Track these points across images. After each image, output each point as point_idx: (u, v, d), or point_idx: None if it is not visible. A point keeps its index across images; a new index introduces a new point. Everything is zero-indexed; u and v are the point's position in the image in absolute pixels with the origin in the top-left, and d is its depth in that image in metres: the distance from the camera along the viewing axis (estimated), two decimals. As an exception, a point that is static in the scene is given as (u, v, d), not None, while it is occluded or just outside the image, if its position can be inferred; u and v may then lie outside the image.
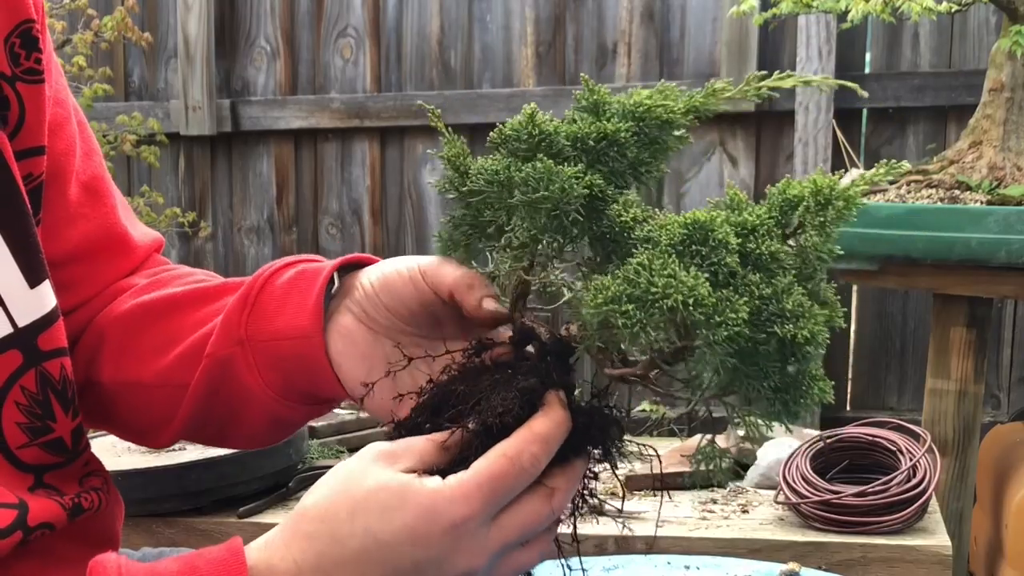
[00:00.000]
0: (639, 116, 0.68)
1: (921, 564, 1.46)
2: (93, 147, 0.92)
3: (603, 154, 0.68)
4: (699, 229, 0.63)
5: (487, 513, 0.63)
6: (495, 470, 0.63)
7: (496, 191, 0.67)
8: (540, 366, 0.69)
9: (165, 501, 1.68)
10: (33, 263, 0.78)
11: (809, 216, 0.66)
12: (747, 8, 2.02)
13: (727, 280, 0.62)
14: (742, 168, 2.93)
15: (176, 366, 0.84)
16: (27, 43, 0.78)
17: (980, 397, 1.93)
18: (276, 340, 0.79)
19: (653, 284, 0.60)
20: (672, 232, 0.63)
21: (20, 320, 0.77)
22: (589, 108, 0.70)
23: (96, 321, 0.91)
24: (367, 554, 0.62)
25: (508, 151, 0.69)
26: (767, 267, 0.64)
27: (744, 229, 0.65)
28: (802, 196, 0.66)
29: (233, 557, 0.63)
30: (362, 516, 0.62)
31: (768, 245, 0.64)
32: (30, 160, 0.80)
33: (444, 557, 0.63)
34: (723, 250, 0.62)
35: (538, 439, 0.65)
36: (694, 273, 0.61)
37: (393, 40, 3.22)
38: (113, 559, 0.63)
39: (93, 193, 0.90)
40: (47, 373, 0.79)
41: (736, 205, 0.67)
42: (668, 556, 1.13)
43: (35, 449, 0.79)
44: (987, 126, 1.90)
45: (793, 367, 0.65)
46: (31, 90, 0.79)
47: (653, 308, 0.60)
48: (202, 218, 3.32)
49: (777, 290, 0.63)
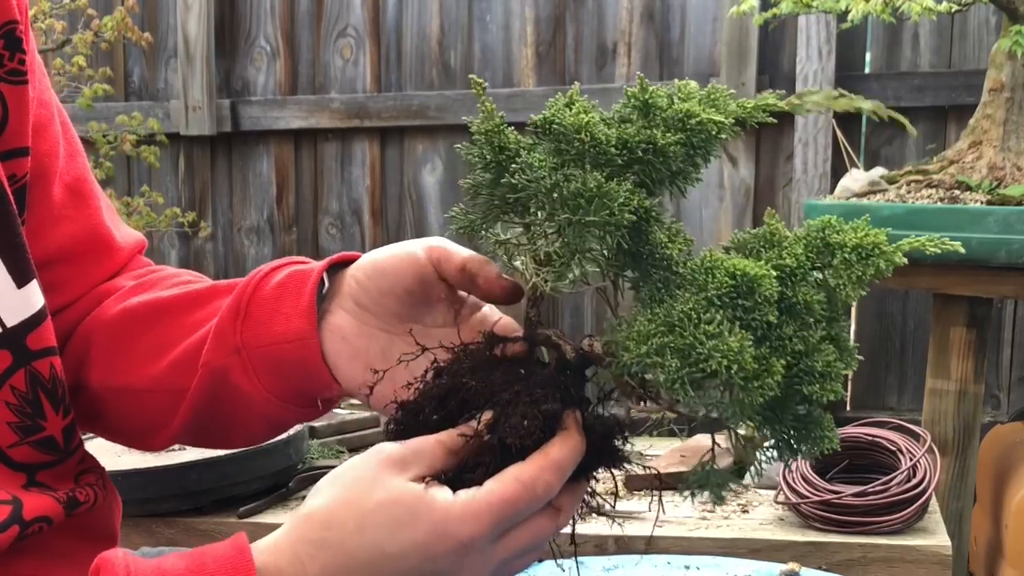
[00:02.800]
0: (689, 128, 0.67)
1: (921, 564, 1.46)
2: (77, 148, 0.92)
3: (649, 163, 0.67)
4: (747, 282, 0.62)
5: (494, 533, 0.64)
6: (508, 494, 0.63)
7: (541, 194, 0.66)
8: (559, 379, 0.68)
9: (165, 501, 1.68)
10: (20, 263, 0.78)
11: (846, 267, 0.65)
12: (747, 8, 2.02)
13: (765, 335, 0.62)
14: (742, 168, 2.93)
15: (170, 371, 0.84)
16: (10, 44, 0.78)
17: (980, 397, 1.93)
18: (271, 345, 0.79)
19: (699, 342, 0.60)
20: (720, 282, 0.62)
21: (8, 320, 0.77)
22: (639, 108, 0.68)
23: (84, 325, 0.91)
24: (375, 566, 0.62)
25: (554, 147, 0.67)
26: (801, 315, 0.64)
27: (783, 273, 0.64)
28: (843, 244, 0.65)
29: (240, 555, 0.63)
30: (372, 529, 0.62)
31: (805, 293, 0.64)
32: (14, 161, 0.80)
33: (450, 571, 0.63)
34: (767, 305, 0.62)
35: (554, 467, 0.64)
36: (740, 335, 0.61)
37: (393, 40, 3.22)
38: (120, 556, 0.63)
39: (77, 194, 0.90)
40: (37, 372, 0.79)
41: (776, 242, 0.66)
42: (668, 556, 1.13)
43: (26, 448, 0.79)
44: (987, 126, 1.90)
45: (804, 409, 0.65)
46: (15, 91, 0.79)
47: (696, 366, 0.60)
48: (202, 218, 3.32)
49: (809, 346, 0.63)
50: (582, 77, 3.06)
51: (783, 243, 0.66)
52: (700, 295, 0.62)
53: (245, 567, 0.62)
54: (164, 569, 0.62)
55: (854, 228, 0.66)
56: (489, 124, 0.68)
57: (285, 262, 0.84)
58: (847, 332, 0.67)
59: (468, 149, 0.69)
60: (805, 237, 0.67)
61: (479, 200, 0.70)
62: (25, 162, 0.81)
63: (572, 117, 0.66)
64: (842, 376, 0.64)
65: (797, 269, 0.65)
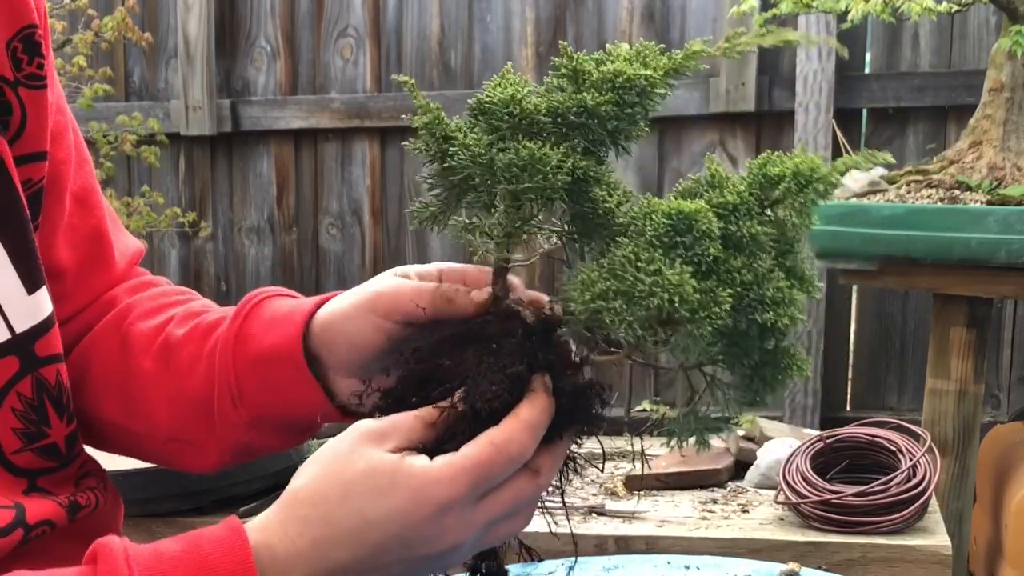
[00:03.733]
0: (619, 86, 0.68)
1: (921, 564, 1.46)
2: (85, 156, 0.92)
3: (583, 127, 0.68)
4: (683, 219, 0.63)
5: (473, 495, 0.65)
6: (483, 457, 0.64)
7: (479, 171, 0.67)
8: (525, 345, 0.70)
9: (165, 501, 1.68)
10: (31, 269, 0.78)
11: (789, 196, 0.66)
12: (747, 8, 2.02)
13: (710, 269, 0.63)
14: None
15: (171, 422, 0.86)
16: (29, 48, 0.78)
17: (980, 397, 1.93)
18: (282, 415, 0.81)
19: (640, 281, 0.61)
20: (656, 223, 0.63)
21: (18, 326, 0.77)
22: (568, 76, 0.69)
23: (81, 347, 0.91)
24: (359, 535, 0.64)
25: (488, 125, 0.68)
26: (748, 248, 0.65)
27: (725, 210, 0.65)
28: (783, 175, 0.67)
29: (235, 535, 0.64)
30: (354, 498, 0.64)
31: (750, 227, 0.65)
32: (30, 165, 0.79)
33: (432, 535, 0.64)
34: (706, 240, 0.63)
35: (525, 427, 0.66)
36: (679, 268, 0.62)
37: (393, 40, 3.22)
38: (118, 541, 0.64)
39: (84, 204, 0.90)
40: (43, 379, 0.79)
41: (717, 182, 0.67)
42: (668, 556, 1.13)
43: (29, 454, 0.79)
44: (987, 126, 1.90)
45: (771, 343, 0.66)
46: (33, 95, 0.79)
47: (640, 304, 0.61)
48: (202, 218, 3.32)
49: (758, 275, 0.64)
50: (582, 77, 3.06)
51: (724, 184, 0.67)
52: (640, 239, 0.63)
53: (240, 546, 0.63)
54: (160, 552, 0.63)
55: (791, 157, 0.67)
56: (427, 117, 0.69)
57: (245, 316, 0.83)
58: (807, 264, 0.68)
59: (413, 144, 0.70)
60: (748, 175, 0.68)
61: (434, 191, 0.71)
62: (42, 167, 0.81)
63: (500, 93, 0.68)
64: (798, 302, 0.65)
65: (740, 205, 0.66)
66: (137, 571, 0.61)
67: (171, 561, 0.62)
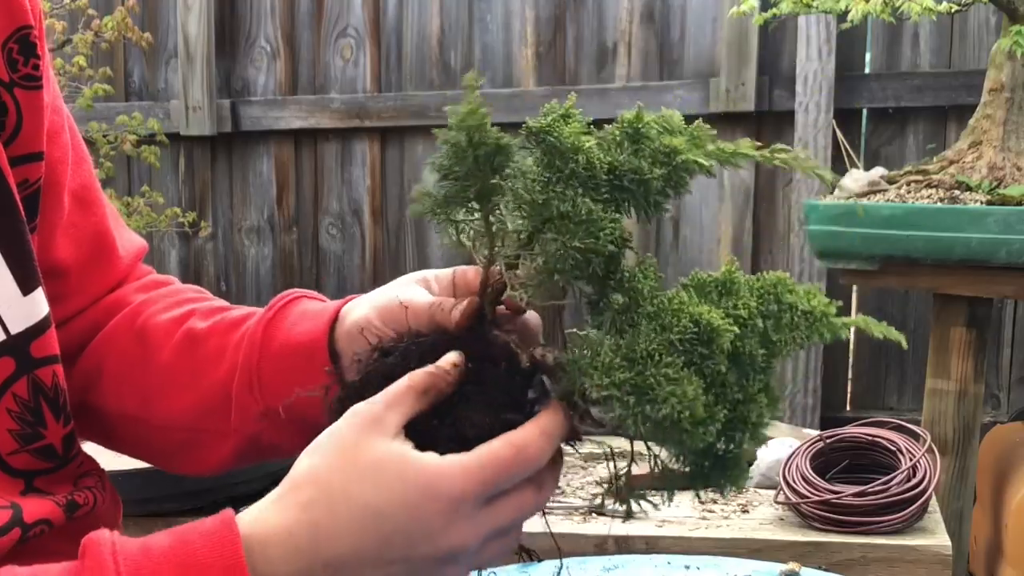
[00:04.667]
0: (674, 164, 0.68)
1: (921, 564, 1.46)
2: (83, 155, 0.92)
3: (632, 193, 0.68)
4: (708, 331, 0.64)
5: (484, 494, 0.63)
6: (500, 454, 0.63)
7: (524, 200, 0.67)
8: (512, 383, 0.70)
9: (165, 501, 1.68)
10: (27, 270, 0.78)
11: (790, 328, 0.67)
12: (747, 8, 2.02)
13: (714, 382, 0.64)
14: (742, 168, 2.93)
15: (187, 413, 0.86)
16: (25, 49, 0.79)
17: (980, 397, 1.93)
18: (294, 413, 0.80)
19: (658, 383, 0.62)
20: (683, 326, 0.64)
21: (13, 327, 0.77)
22: (630, 136, 0.69)
23: (95, 344, 0.91)
24: (362, 525, 0.62)
25: (548, 161, 0.68)
26: (744, 365, 0.66)
27: (736, 323, 0.66)
28: (794, 305, 0.67)
29: (226, 527, 0.63)
30: (359, 490, 0.62)
31: (751, 344, 0.66)
32: (26, 166, 0.80)
33: (437, 532, 0.63)
34: (721, 355, 0.64)
35: (544, 434, 0.65)
36: (695, 382, 0.63)
37: (393, 40, 3.22)
38: (107, 535, 0.63)
39: (83, 202, 0.90)
40: (39, 380, 0.79)
41: (731, 289, 0.68)
42: (668, 556, 1.13)
43: (25, 455, 0.79)
44: (987, 126, 1.90)
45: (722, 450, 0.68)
46: (29, 96, 0.79)
47: (652, 406, 0.62)
48: (202, 218, 3.32)
49: (747, 397, 0.66)
50: (582, 77, 3.06)
51: (738, 291, 0.68)
52: (664, 335, 0.64)
53: (231, 541, 0.62)
54: (149, 547, 0.62)
55: (807, 292, 0.68)
56: (473, 119, 0.68)
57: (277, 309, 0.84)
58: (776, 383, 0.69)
59: (445, 134, 0.69)
60: (759, 289, 0.68)
61: (444, 183, 0.70)
62: (39, 167, 0.81)
63: (570, 135, 0.67)
64: (768, 425, 0.67)
65: (748, 320, 0.66)
66: (123, 567, 0.61)
67: (158, 557, 0.61)
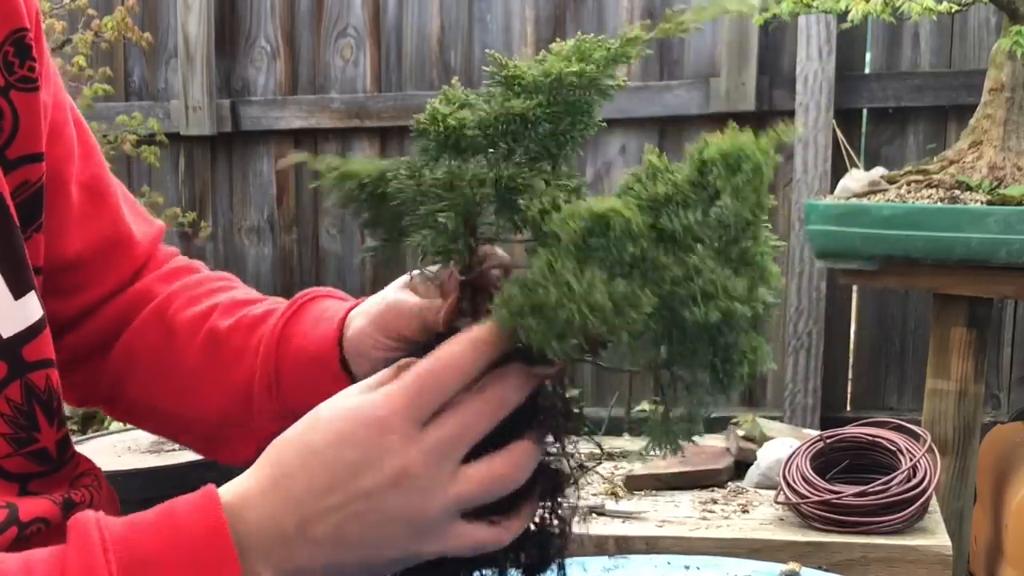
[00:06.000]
0: (551, 87, 0.64)
1: (921, 564, 1.46)
2: (92, 146, 0.92)
3: (513, 134, 0.65)
4: (598, 220, 0.59)
5: (416, 410, 0.63)
6: (422, 368, 0.63)
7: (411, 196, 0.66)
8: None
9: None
10: (19, 274, 0.78)
11: (721, 181, 0.61)
12: (747, 8, 2.02)
13: (631, 270, 0.59)
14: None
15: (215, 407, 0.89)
16: (20, 51, 0.79)
17: (980, 397, 1.93)
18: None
19: (547, 294, 0.58)
20: (572, 228, 0.59)
21: (5, 331, 0.77)
22: (502, 83, 0.66)
23: (125, 339, 0.93)
24: (307, 463, 0.63)
25: (420, 147, 0.67)
26: (683, 243, 0.60)
27: (655, 203, 0.61)
28: (714, 159, 0.62)
29: (207, 495, 0.64)
30: (307, 437, 0.64)
31: (680, 219, 0.60)
32: (26, 167, 0.80)
33: (376, 456, 0.62)
34: (626, 239, 0.59)
35: (472, 341, 0.63)
36: (588, 277, 0.58)
37: (393, 40, 3.22)
38: (92, 514, 0.64)
39: (95, 193, 0.91)
40: (32, 384, 0.79)
41: (653, 174, 0.63)
42: (668, 556, 1.12)
43: (19, 459, 0.80)
44: (987, 126, 1.90)
45: (729, 338, 0.61)
46: (25, 98, 0.79)
47: (552, 319, 0.58)
48: (202, 218, 3.32)
49: (688, 269, 0.60)
50: (582, 77, 3.06)
51: (663, 174, 0.63)
52: (556, 247, 0.60)
53: (212, 505, 0.63)
54: (135, 521, 0.63)
55: (723, 136, 0.62)
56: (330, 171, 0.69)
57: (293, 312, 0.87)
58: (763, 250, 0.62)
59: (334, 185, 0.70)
60: (688, 163, 0.63)
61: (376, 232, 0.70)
62: (39, 168, 0.81)
63: (428, 112, 0.66)
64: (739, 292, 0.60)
65: (674, 195, 0.61)
66: (110, 541, 0.61)
67: (143, 529, 0.63)
